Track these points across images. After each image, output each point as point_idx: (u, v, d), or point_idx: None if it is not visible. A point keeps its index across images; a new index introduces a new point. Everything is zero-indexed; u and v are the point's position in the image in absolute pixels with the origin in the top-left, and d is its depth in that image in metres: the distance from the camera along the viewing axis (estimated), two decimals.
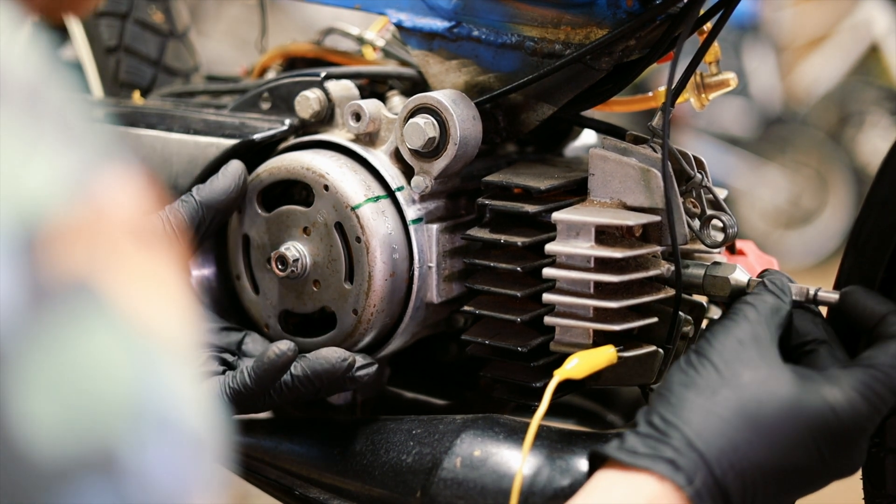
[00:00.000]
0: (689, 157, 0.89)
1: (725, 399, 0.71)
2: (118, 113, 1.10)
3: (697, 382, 0.73)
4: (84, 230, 0.35)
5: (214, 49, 4.09)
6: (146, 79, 1.29)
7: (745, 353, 0.74)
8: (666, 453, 0.69)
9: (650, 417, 0.72)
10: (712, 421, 0.70)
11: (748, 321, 0.76)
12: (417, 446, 0.89)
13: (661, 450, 0.69)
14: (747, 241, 1.05)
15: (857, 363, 0.75)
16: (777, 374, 0.73)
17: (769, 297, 0.79)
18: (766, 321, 0.77)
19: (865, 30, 4.36)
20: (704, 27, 0.94)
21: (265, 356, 0.86)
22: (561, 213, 0.86)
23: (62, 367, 0.34)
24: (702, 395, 0.72)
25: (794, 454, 0.71)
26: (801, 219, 4.32)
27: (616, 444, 0.72)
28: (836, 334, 0.80)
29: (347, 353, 0.89)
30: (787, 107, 4.46)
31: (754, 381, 0.72)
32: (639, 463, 0.69)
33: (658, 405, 0.73)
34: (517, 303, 0.91)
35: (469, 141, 0.93)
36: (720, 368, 0.73)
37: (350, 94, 1.01)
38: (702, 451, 0.69)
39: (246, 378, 0.86)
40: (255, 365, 0.87)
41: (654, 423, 0.71)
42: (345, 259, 0.93)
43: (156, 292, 0.37)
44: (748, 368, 0.73)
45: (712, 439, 0.69)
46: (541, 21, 0.93)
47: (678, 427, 0.70)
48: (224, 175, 0.96)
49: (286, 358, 0.86)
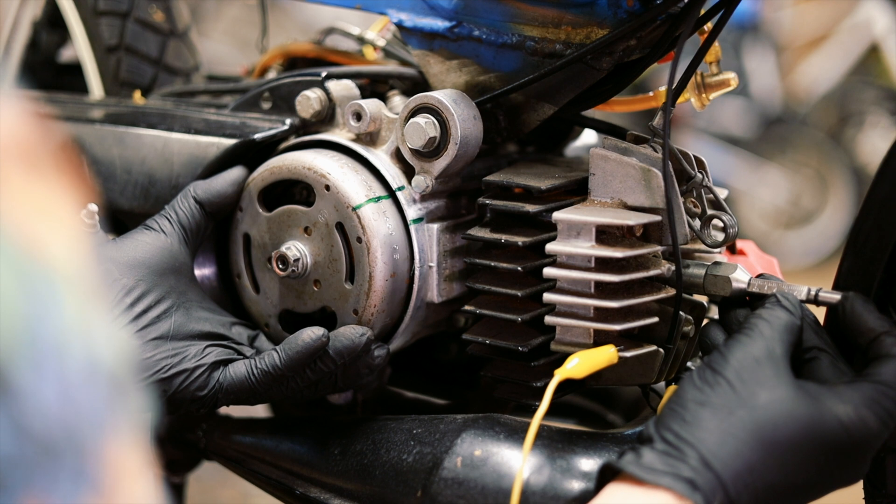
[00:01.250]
0: (690, 156, 0.89)
1: (742, 420, 0.71)
2: (119, 112, 1.10)
3: (713, 401, 0.73)
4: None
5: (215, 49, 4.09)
6: (147, 78, 1.29)
7: (760, 372, 0.74)
8: (684, 472, 0.69)
9: (664, 433, 0.72)
10: (729, 442, 0.70)
11: (763, 338, 0.76)
12: (418, 446, 0.89)
13: (679, 468, 0.69)
14: (748, 241, 1.05)
15: (864, 378, 0.75)
16: (792, 394, 0.73)
17: (783, 312, 0.78)
18: (781, 338, 0.76)
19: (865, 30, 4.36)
20: (705, 27, 0.94)
21: (299, 339, 0.87)
22: (561, 213, 0.86)
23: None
24: (718, 414, 0.72)
25: (805, 473, 0.72)
26: (801, 219, 4.32)
27: (631, 458, 0.71)
28: (833, 342, 0.80)
29: (364, 328, 0.90)
30: (787, 107, 4.46)
31: (771, 403, 0.72)
32: (659, 481, 0.69)
33: (672, 421, 0.72)
34: (518, 302, 0.91)
35: (470, 141, 0.93)
36: (736, 387, 0.73)
37: (351, 94, 1.01)
38: (718, 471, 0.69)
39: (276, 359, 0.88)
40: (287, 347, 0.88)
41: (668, 439, 0.71)
42: (345, 259, 0.93)
43: (47, 217, 0.37)
44: (764, 389, 0.73)
45: (729, 460, 0.70)
46: (541, 21, 0.93)
47: (694, 446, 0.70)
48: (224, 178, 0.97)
49: (320, 342, 0.88)
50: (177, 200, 0.95)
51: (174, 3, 1.34)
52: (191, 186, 0.96)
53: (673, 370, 0.91)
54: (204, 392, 0.87)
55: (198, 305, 0.92)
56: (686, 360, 0.93)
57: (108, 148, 1.06)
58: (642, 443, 0.73)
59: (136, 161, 1.05)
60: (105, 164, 1.06)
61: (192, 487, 1.43)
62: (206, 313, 0.92)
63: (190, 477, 1.24)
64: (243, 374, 0.88)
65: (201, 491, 1.85)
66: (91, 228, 1.03)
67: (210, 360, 0.88)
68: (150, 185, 1.04)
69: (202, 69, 1.37)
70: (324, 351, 0.89)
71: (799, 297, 0.83)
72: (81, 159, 0.94)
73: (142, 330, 0.87)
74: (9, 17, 1.32)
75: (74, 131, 1.09)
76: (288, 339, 0.89)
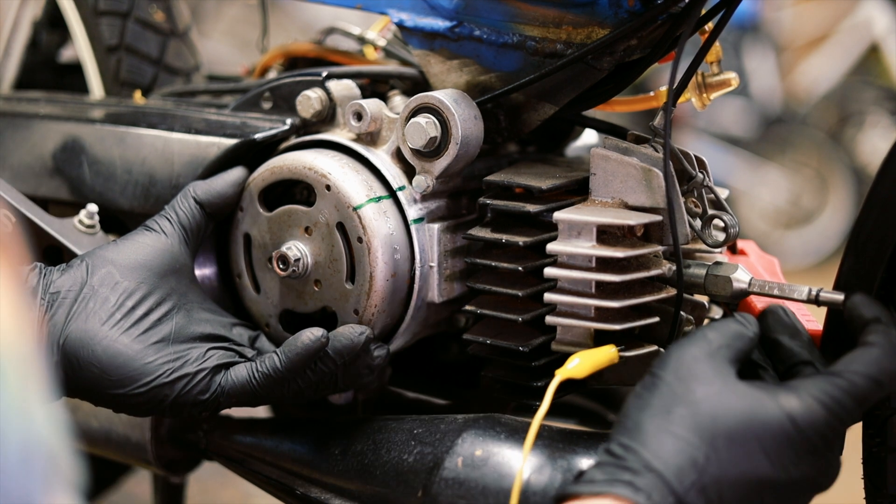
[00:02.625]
0: (691, 156, 0.89)
1: (681, 417, 0.71)
2: (119, 112, 1.10)
3: (652, 403, 0.72)
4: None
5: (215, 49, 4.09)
6: (147, 78, 1.29)
7: (698, 369, 0.73)
8: (623, 476, 0.69)
9: (609, 446, 0.72)
10: (668, 440, 0.70)
11: (706, 340, 0.76)
12: (419, 446, 0.89)
13: (618, 474, 0.69)
14: (748, 241, 1.05)
15: (822, 372, 0.74)
16: (731, 387, 0.72)
17: (732, 323, 0.78)
18: (727, 343, 0.76)
19: (865, 30, 4.36)
20: (706, 27, 0.94)
21: (299, 340, 0.87)
22: (562, 213, 0.86)
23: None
24: (657, 415, 0.71)
25: (754, 465, 0.70)
26: (801, 219, 4.32)
27: (575, 479, 0.72)
28: (820, 352, 0.80)
29: (363, 327, 0.90)
30: (787, 107, 4.46)
31: (708, 396, 0.72)
32: (596, 490, 0.68)
33: (617, 433, 0.72)
34: (518, 302, 0.91)
35: (470, 140, 0.93)
36: (673, 386, 0.73)
37: (351, 94, 1.01)
38: (660, 470, 0.69)
39: (276, 362, 0.88)
40: (287, 349, 0.88)
41: (612, 450, 0.71)
42: (346, 259, 0.93)
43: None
44: (701, 384, 0.72)
45: (669, 458, 0.69)
46: (542, 21, 0.93)
47: (635, 450, 0.70)
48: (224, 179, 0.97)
49: (320, 343, 0.87)
50: (177, 201, 0.95)
51: (174, 3, 1.34)
52: (191, 186, 0.96)
53: None
54: (206, 396, 0.87)
55: (199, 307, 0.92)
56: None
57: (108, 148, 1.06)
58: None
59: (136, 161, 1.05)
60: (105, 164, 1.06)
61: (192, 487, 1.43)
62: (207, 314, 0.92)
63: (190, 477, 1.24)
64: (245, 378, 0.88)
65: (201, 491, 1.85)
66: (91, 230, 1.03)
67: (212, 364, 0.88)
68: (151, 185, 1.03)
69: (202, 69, 1.37)
70: (324, 351, 0.89)
71: (800, 298, 0.82)
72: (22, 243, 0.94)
73: (143, 334, 0.87)
74: (9, 17, 1.32)
75: (75, 131, 1.09)
76: (288, 340, 0.89)
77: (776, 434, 0.71)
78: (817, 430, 0.71)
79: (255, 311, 1.00)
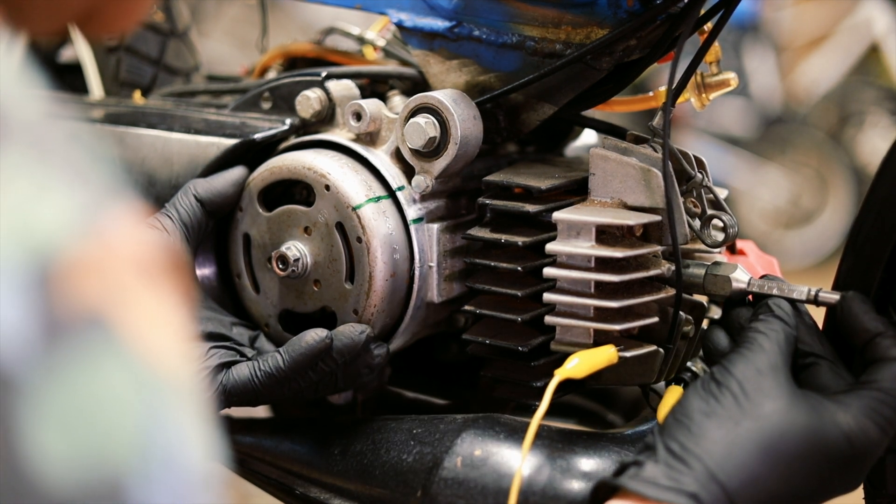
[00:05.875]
0: (690, 156, 0.89)
1: (748, 431, 0.71)
2: (119, 112, 1.10)
3: (719, 412, 0.72)
4: (95, 266, 0.36)
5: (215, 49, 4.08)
6: (147, 78, 1.29)
7: (764, 383, 0.74)
8: (689, 487, 0.68)
9: (669, 444, 0.71)
10: (735, 453, 0.70)
11: (763, 351, 0.76)
12: (418, 446, 0.89)
13: (683, 482, 0.69)
14: (748, 241, 1.05)
15: (863, 386, 0.75)
16: (795, 404, 0.73)
17: (779, 324, 0.78)
18: (780, 349, 0.77)
19: (865, 30, 4.36)
20: (705, 27, 0.94)
21: (302, 341, 0.87)
22: (561, 213, 0.86)
23: (74, 400, 0.34)
24: (724, 425, 0.72)
25: (807, 483, 0.72)
26: (801, 219, 4.32)
27: (633, 473, 0.70)
28: (832, 346, 0.80)
29: (364, 326, 0.90)
30: (787, 107, 4.46)
31: (774, 412, 0.72)
32: (661, 496, 0.68)
33: (677, 432, 0.72)
34: (518, 302, 0.91)
35: (470, 140, 0.93)
36: (740, 399, 0.73)
37: (351, 94, 1.01)
38: (724, 483, 0.69)
39: (279, 361, 0.87)
40: (290, 349, 0.88)
41: (673, 450, 0.71)
42: (345, 259, 0.93)
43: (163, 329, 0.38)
44: (768, 399, 0.73)
45: (734, 472, 0.69)
46: (541, 21, 0.93)
47: (700, 458, 0.70)
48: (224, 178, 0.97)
49: (324, 344, 0.87)
50: (177, 198, 0.95)
51: (174, 3, 1.34)
52: (191, 184, 0.96)
53: (673, 370, 0.91)
54: (207, 395, 0.87)
55: (199, 305, 0.92)
56: (686, 360, 0.93)
57: (107, 148, 1.06)
58: (645, 454, 0.72)
59: (135, 161, 1.05)
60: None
61: None
62: (208, 313, 0.92)
63: None
64: (247, 377, 0.88)
65: None
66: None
67: (214, 363, 0.88)
68: (150, 186, 1.03)
69: (202, 69, 1.37)
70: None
71: (799, 298, 0.82)
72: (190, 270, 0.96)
73: None
74: None
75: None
76: (291, 340, 0.89)
77: (835, 454, 0.72)
78: (869, 448, 0.73)
79: (255, 311, 1.01)
